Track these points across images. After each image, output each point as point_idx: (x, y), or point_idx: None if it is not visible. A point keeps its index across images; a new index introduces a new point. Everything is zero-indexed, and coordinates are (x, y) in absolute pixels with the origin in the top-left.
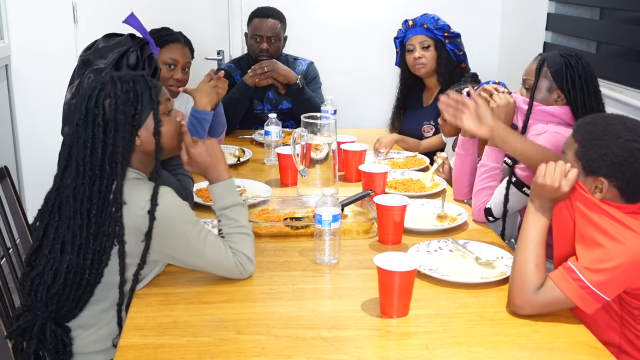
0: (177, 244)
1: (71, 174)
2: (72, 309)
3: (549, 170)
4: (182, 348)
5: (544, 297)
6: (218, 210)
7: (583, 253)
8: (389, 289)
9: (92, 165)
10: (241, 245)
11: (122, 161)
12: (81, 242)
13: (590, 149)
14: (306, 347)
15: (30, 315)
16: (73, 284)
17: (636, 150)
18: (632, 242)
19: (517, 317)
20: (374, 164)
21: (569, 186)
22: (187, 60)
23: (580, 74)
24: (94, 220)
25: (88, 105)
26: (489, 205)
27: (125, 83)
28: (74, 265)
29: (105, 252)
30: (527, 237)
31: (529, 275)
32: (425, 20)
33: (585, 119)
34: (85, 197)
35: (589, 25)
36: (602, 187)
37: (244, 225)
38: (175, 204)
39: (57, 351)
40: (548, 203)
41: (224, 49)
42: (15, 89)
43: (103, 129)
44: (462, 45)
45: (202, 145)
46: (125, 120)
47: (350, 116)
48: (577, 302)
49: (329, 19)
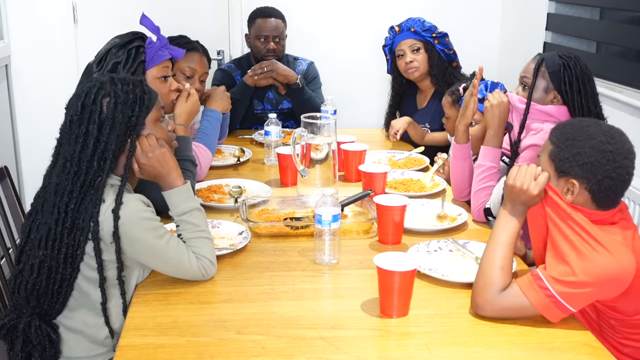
0: (141, 248)
1: (57, 170)
2: (53, 304)
3: (519, 172)
4: (181, 348)
5: (507, 301)
6: (176, 216)
7: (552, 264)
8: (388, 289)
9: (80, 161)
10: (203, 249)
11: (112, 159)
12: (55, 236)
13: (564, 149)
14: (306, 347)
15: (15, 314)
16: (49, 278)
17: (608, 152)
18: (600, 260)
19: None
20: (374, 163)
21: (537, 189)
22: (205, 71)
23: (578, 76)
24: (71, 214)
25: (85, 102)
26: (488, 205)
27: (126, 85)
28: (47, 259)
29: (80, 246)
30: (496, 238)
31: (493, 276)
32: (411, 24)
33: (562, 122)
34: (67, 192)
35: (589, 25)
36: (573, 189)
37: (204, 230)
38: (138, 209)
39: (43, 348)
40: (519, 206)
41: (224, 49)
42: (15, 89)
43: (98, 127)
44: (450, 44)
45: (153, 157)
46: (122, 120)
47: (350, 116)
48: (542, 311)
49: (329, 19)
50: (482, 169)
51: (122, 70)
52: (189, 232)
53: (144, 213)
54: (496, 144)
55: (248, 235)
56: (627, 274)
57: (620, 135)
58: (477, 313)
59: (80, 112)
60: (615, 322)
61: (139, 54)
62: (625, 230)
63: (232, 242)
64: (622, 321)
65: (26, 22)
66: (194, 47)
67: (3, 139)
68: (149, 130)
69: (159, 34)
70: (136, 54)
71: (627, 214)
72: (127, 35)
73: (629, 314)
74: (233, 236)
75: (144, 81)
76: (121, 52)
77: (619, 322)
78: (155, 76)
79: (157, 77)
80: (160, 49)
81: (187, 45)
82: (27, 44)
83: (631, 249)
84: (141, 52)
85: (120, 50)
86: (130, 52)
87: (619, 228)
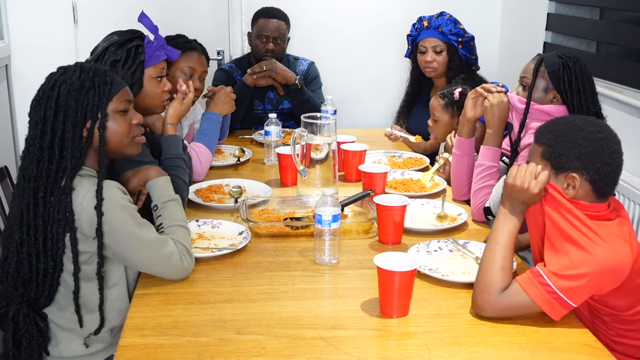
0: (121, 237)
1: (24, 154)
2: (39, 294)
3: (519, 171)
4: (181, 348)
5: (508, 300)
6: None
7: (551, 259)
8: (389, 289)
9: (41, 147)
10: (178, 235)
11: (72, 149)
12: (29, 221)
13: (558, 145)
14: (306, 347)
15: (5, 301)
16: (30, 264)
17: (601, 140)
18: (599, 251)
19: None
20: (374, 164)
21: (538, 188)
22: (204, 70)
23: (578, 75)
24: (42, 203)
25: (45, 87)
26: (488, 204)
27: (85, 73)
28: (25, 244)
29: (59, 239)
30: (495, 238)
31: (493, 276)
32: (440, 23)
33: (544, 124)
34: (32, 177)
35: (589, 25)
36: (574, 183)
37: (182, 219)
38: (115, 196)
39: (31, 336)
40: (519, 205)
41: (224, 49)
42: (15, 89)
43: (54, 112)
44: (474, 48)
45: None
46: (75, 108)
47: (350, 116)
48: (544, 307)
49: (330, 19)
50: (481, 168)
51: (121, 69)
52: (170, 219)
53: (122, 200)
54: (496, 143)
55: (248, 235)
56: (624, 265)
57: (605, 124)
58: (479, 314)
59: (39, 97)
60: (608, 319)
61: (138, 53)
62: (622, 225)
63: (232, 242)
64: (616, 317)
65: (26, 22)
66: (192, 46)
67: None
68: (112, 121)
69: (157, 34)
70: (135, 54)
71: (624, 211)
72: (126, 33)
73: (623, 309)
74: (233, 236)
75: (108, 71)
76: (120, 50)
77: (612, 318)
78: (151, 76)
79: (153, 77)
80: (158, 49)
81: (185, 45)
82: (27, 44)
83: (628, 242)
84: (140, 52)
85: (119, 48)
86: (130, 51)
87: (616, 223)
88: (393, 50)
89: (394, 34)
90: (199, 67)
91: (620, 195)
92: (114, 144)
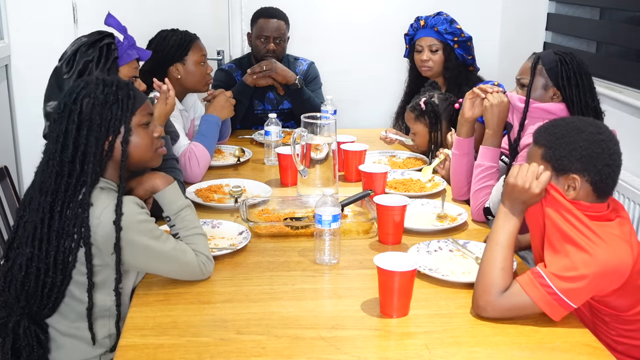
0: (140, 252)
1: (41, 168)
2: (42, 307)
3: (521, 171)
4: (181, 348)
5: (509, 301)
6: (173, 215)
7: (551, 260)
8: (389, 289)
9: (62, 161)
10: (199, 245)
11: (94, 163)
12: (42, 236)
13: (558, 147)
14: (306, 347)
15: (5, 312)
16: (38, 279)
17: (601, 142)
18: (600, 252)
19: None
20: (374, 164)
21: (539, 188)
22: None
23: (576, 70)
24: (57, 217)
25: (67, 101)
26: (487, 205)
27: (108, 86)
28: (35, 258)
29: (72, 252)
30: (496, 239)
31: (493, 277)
32: (436, 22)
33: (543, 125)
34: (50, 191)
35: (589, 25)
36: (575, 184)
37: (197, 226)
38: (133, 212)
39: (31, 348)
40: (519, 205)
41: (224, 49)
42: (15, 89)
43: (77, 127)
44: (472, 49)
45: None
46: (99, 122)
47: (350, 116)
48: (544, 308)
49: (330, 19)
50: (481, 168)
51: (94, 68)
52: (186, 229)
53: (140, 215)
54: (495, 143)
55: (248, 235)
56: (625, 266)
57: (603, 124)
58: (479, 314)
59: (61, 111)
60: (609, 319)
61: (111, 50)
62: (622, 226)
63: (232, 242)
64: (617, 317)
65: (26, 22)
66: (192, 37)
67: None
68: (135, 134)
69: (126, 34)
70: (108, 51)
71: (624, 211)
72: (93, 34)
73: (623, 309)
74: (233, 236)
75: (130, 84)
76: (91, 50)
77: (613, 318)
78: (126, 75)
79: (128, 77)
80: (129, 48)
81: (187, 36)
82: (27, 44)
83: (628, 243)
84: (114, 49)
85: (89, 48)
86: (102, 49)
87: (616, 223)
88: (393, 50)
89: (394, 34)
90: (205, 52)
91: (620, 195)
92: (137, 157)
